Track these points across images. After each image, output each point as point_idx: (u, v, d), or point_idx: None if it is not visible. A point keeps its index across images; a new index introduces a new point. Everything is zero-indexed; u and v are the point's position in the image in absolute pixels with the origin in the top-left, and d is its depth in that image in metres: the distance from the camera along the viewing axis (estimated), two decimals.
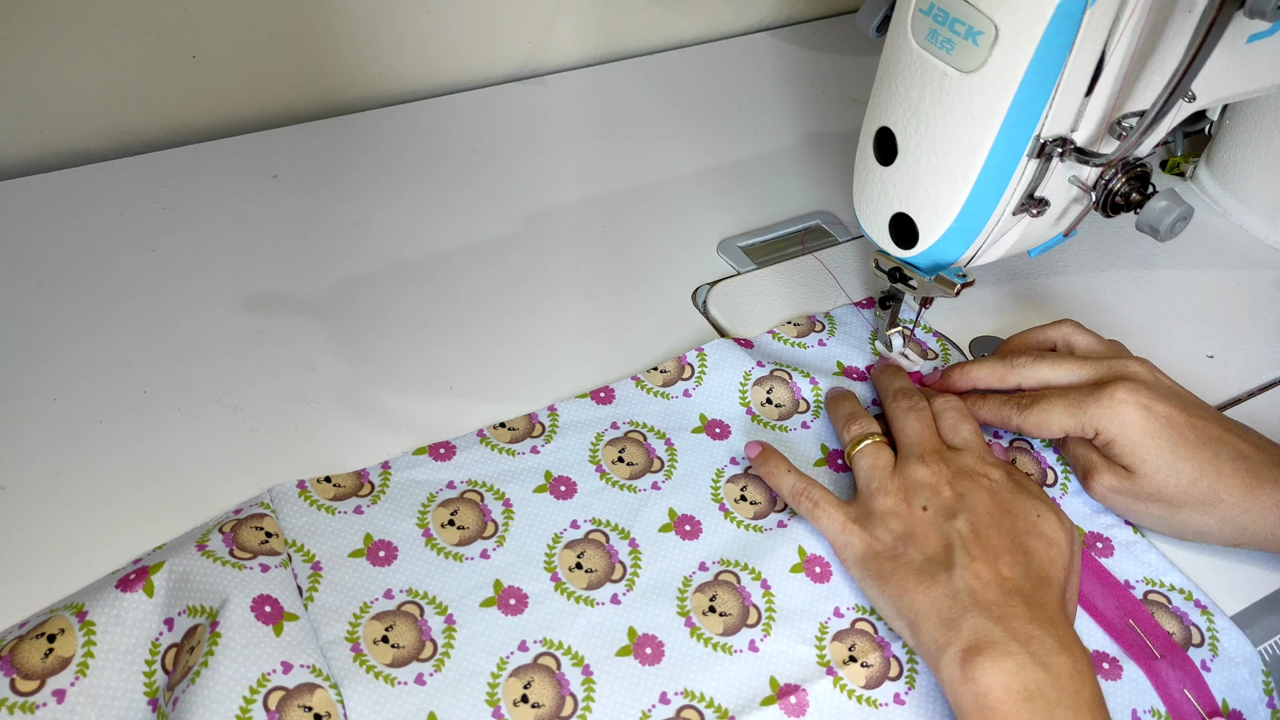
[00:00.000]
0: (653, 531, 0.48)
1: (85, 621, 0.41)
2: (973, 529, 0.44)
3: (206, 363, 0.55)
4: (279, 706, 0.39)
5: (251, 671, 0.40)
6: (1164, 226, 0.48)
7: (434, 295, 0.60)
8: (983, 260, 0.51)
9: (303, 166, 0.69)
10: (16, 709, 0.39)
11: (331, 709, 0.40)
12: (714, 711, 0.42)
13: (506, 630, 0.44)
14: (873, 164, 0.50)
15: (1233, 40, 0.48)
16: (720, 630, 0.45)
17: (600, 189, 0.70)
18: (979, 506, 0.45)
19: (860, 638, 0.45)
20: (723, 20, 0.88)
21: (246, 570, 0.43)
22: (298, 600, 0.43)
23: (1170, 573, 0.49)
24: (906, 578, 0.43)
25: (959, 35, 0.43)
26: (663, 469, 0.51)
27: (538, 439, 0.52)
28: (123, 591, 0.41)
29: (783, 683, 0.43)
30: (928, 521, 0.45)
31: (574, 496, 0.49)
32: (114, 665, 0.40)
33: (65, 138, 0.68)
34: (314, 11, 0.70)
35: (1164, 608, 0.48)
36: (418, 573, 0.46)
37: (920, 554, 0.44)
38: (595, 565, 0.47)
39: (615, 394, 0.54)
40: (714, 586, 0.47)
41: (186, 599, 0.42)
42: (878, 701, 0.43)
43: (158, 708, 0.40)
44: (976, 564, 0.43)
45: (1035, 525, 0.45)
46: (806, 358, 0.57)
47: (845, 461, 0.49)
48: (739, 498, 0.50)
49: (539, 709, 0.42)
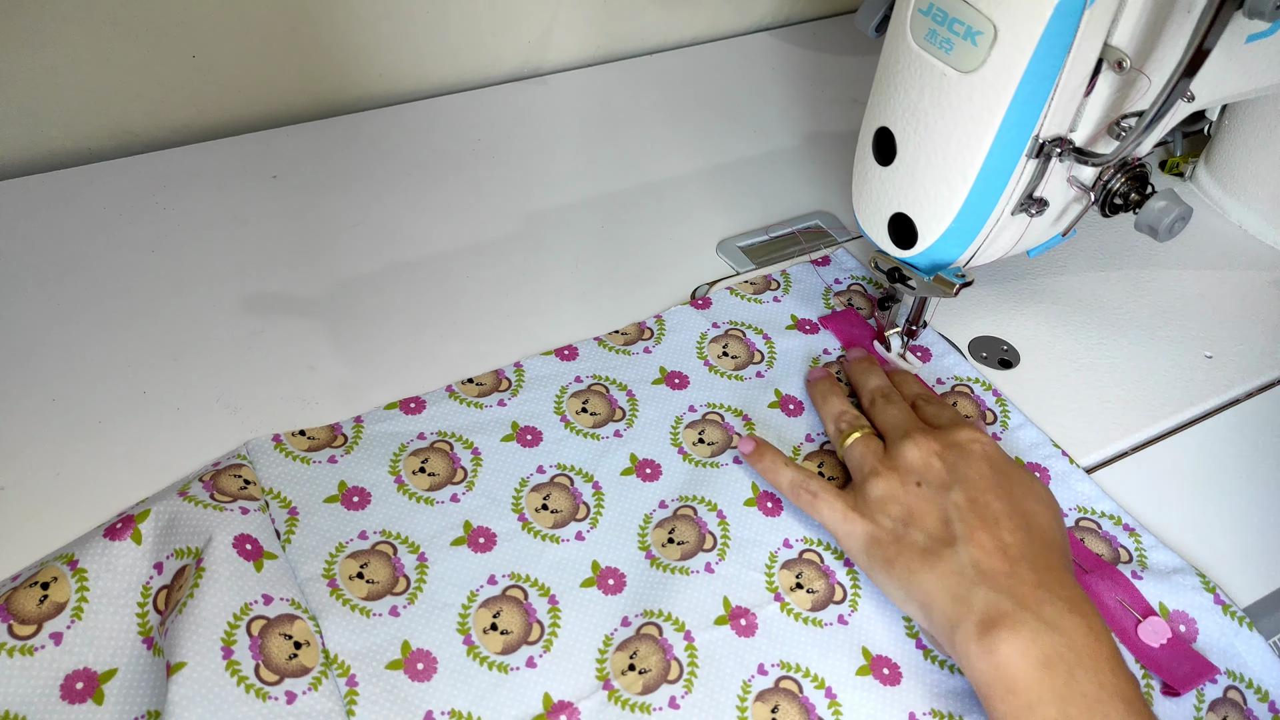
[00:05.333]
0: (615, 475, 0.51)
1: (77, 569, 0.42)
2: (969, 499, 0.44)
3: (206, 363, 0.55)
4: (261, 633, 0.42)
5: (235, 601, 0.42)
6: (1163, 227, 0.48)
7: (434, 295, 0.60)
8: (982, 260, 0.51)
9: (303, 166, 0.69)
10: (16, 652, 0.40)
11: (310, 638, 0.42)
12: (672, 624, 0.45)
13: (476, 566, 0.46)
14: (872, 164, 0.50)
15: (1231, 40, 0.48)
16: (678, 556, 0.47)
17: (600, 189, 0.70)
18: (972, 474, 0.45)
19: (807, 566, 0.48)
20: (722, 20, 0.88)
21: (227, 512, 0.45)
22: (275, 542, 0.45)
23: (1102, 500, 0.52)
24: (911, 559, 0.44)
25: (958, 35, 0.43)
26: (624, 418, 0.53)
27: (504, 393, 0.54)
28: (111, 540, 0.43)
29: (734, 604, 0.46)
30: (924, 498, 0.45)
31: (540, 445, 0.52)
32: (108, 609, 0.41)
33: (65, 137, 0.68)
34: (314, 11, 0.70)
35: (1093, 533, 0.50)
36: (390, 515, 0.48)
37: (922, 533, 0.44)
38: (560, 506, 0.49)
39: (579, 351, 0.56)
40: (673, 520, 0.49)
41: (174, 543, 0.43)
42: (823, 622, 0.46)
43: (154, 645, 0.41)
44: (978, 534, 0.43)
45: (1030, 487, 0.46)
46: (762, 313, 0.60)
47: (838, 455, 0.51)
48: (697, 440, 0.53)
49: (507, 635, 0.44)
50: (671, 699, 0.43)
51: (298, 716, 0.40)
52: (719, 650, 0.44)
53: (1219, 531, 0.51)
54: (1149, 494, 0.52)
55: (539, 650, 0.44)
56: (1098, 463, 0.54)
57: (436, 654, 0.43)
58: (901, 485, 0.46)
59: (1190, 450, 0.55)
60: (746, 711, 0.43)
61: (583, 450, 0.52)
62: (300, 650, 0.42)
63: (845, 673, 0.44)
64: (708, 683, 0.43)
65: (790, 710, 0.43)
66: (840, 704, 0.43)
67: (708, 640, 0.45)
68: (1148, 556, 0.49)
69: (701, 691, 0.43)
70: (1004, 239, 0.50)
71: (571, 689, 0.43)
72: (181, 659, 0.39)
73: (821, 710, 0.43)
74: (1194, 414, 0.57)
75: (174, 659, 0.39)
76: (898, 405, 0.51)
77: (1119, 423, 0.56)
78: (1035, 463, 0.53)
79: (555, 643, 0.44)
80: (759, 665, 0.44)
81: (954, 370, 0.58)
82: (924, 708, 0.43)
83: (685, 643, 0.44)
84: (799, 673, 0.44)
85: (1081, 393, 0.57)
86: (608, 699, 0.42)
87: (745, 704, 0.43)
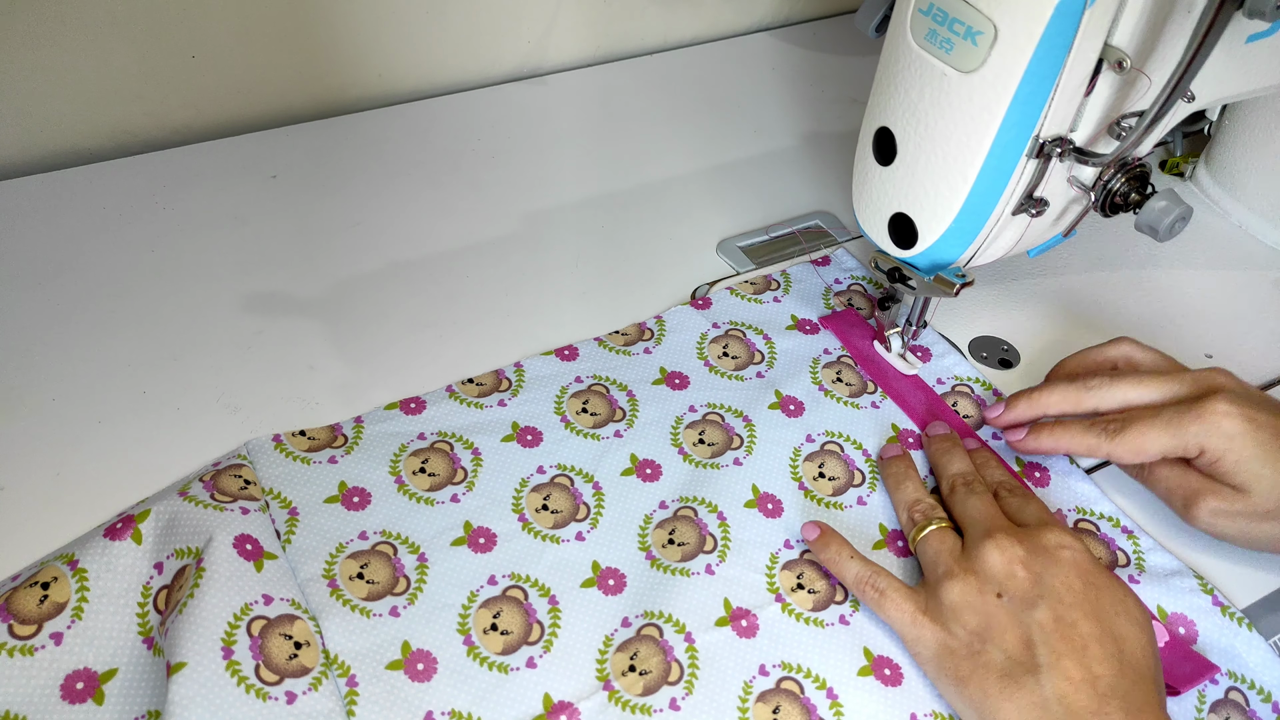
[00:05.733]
0: (615, 475, 0.51)
1: (77, 569, 0.42)
2: (1055, 619, 0.40)
3: (206, 363, 0.55)
4: (261, 634, 0.42)
5: (235, 601, 0.42)
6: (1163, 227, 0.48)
7: (433, 295, 0.60)
8: (982, 260, 0.51)
9: (302, 166, 0.69)
10: (16, 652, 0.40)
11: (310, 638, 0.42)
12: (672, 626, 0.45)
13: (476, 566, 0.46)
14: (872, 164, 0.50)
15: (1232, 40, 0.48)
16: (679, 558, 0.47)
17: (600, 189, 0.70)
18: (1059, 587, 0.41)
19: (808, 567, 0.48)
20: (722, 20, 0.88)
21: (228, 512, 0.45)
22: (276, 542, 0.45)
23: (1100, 501, 0.51)
24: (987, 681, 0.40)
25: (958, 35, 0.43)
26: (625, 418, 0.53)
27: (505, 393, 0.54)
28: (111, 540, 0.43)
29: (735, 605, 0.46)
30: (1005, 612, 0.41)
31: (540, 445, 0.52)
32: (108, 608, 0.41)
33: (64, 137, 0.68)
34: (313, 11, 0.70)
35: (1092, 535, 0.50)
36: (391, 516, 0.48)
37: (1000, 652, 0.40)
38: (560, 507, 0.49)
39: (579, 352, 0.56)
40: (673, 521, 0.49)
41: (174, 543, 0.43)
42: (824, 622, 0.46)
43: (154, 644, 0.41)
44: (1064, 662, 0.39)
45: (1123, 603, 0.42)
46: (762, 313, 0.60)
47: (909, 548, 0.48)
48: (697, 440, 0.53)
49: (507, 635, 0.44)
50: (672, 700, 0.43)
51: (298, 717, 0.40)
52: (720, 651, 0.44)
53: None
54: (1149, 495, 0.52)
55: (539, 650, 0.44)
56: (1098, 463, 0.54)
57: (437, 654, 0.43)
58: (979, 593, 0.42)
59: None
60: (748, 713, 0.42)
61: (583, 450, 0.52)
62: (300, 650, 0.42)
63: (847, 673, 0.44)
64: (708, 684, 0.43)
65: (792, 711, 0.43)
66: (842, 704, 0.43)
67: (708, 642, 0.45)
68: (1145, 559, 0.49)
69: (702, 693, 0.43)
70: (1004, 239, 0.50)
71: (571, 689, 0.42)
72: (182, 659, 0.39)
73: (823, 711, 0.43)
74: None
75: (174, 659, 0.39)
76: (980, 496, 0.47)
77: None
78: (1035, 461, 0.53)
79: (555, 643, 0.44)
80: (760, 666, 0.44)
81: (954, 370, 0.58)
82: (925, 708, 0.43)
83: (686, 644, 0.44)
84: (800, 673, 0.44)
85: None
86: (608, 700, 0.42)
87: (746, 705, 0.43)
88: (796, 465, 0.52)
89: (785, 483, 0.51)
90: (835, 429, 0.54)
